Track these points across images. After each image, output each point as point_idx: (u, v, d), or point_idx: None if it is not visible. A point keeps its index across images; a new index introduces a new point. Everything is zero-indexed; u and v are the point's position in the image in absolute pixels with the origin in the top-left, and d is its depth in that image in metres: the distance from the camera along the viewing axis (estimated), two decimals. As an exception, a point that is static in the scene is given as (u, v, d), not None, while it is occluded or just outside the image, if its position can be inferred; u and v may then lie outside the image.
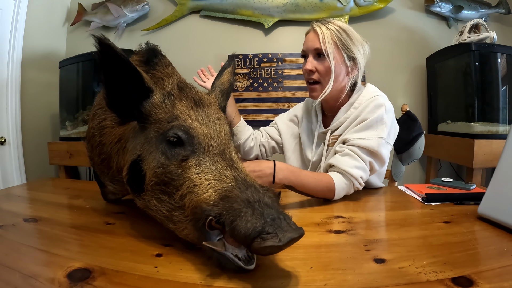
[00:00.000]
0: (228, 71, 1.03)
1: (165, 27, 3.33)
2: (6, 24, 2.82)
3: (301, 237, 0.57)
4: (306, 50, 1.38)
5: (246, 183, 0.66)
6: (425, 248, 0.76)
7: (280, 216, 0.58)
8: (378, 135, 1.23)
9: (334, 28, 1.32)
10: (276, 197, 0.66)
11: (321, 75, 1.34)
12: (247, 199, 0.60)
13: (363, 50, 1.36)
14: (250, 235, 0.54)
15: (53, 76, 3.21)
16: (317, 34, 1.32)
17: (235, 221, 0.57)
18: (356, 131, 1.27)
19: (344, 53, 1.32)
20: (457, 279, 0.60)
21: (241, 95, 3.19)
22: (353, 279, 0.61)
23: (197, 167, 0.69)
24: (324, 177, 1.18)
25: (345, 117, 1.35)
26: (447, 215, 1.00)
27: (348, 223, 0.95)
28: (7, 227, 0.92)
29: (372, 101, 1.29)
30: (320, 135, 1.46)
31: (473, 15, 3.01)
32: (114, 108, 0.80)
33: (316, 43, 1.32)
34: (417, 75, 3.12)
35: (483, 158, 2.29)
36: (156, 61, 1.06)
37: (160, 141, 0.74)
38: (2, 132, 2.84)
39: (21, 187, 1.63)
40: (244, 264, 0.61)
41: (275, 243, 0.53)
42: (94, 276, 0.63)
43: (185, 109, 0.77)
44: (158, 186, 0.72)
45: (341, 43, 1.31)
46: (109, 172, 0.97)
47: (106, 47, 0.71)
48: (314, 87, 1.37)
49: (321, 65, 1.33)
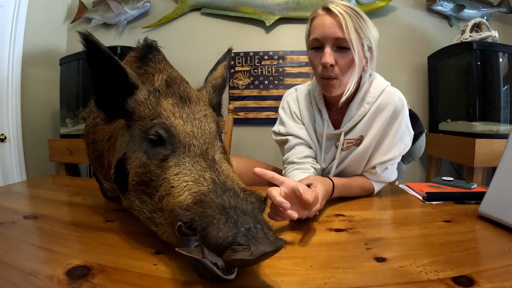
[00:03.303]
0: (222, 65, 0.99)
1: (166, 24, 3.32)
2: (7, 21, 2.81)
3: (278, 250, 0.52)
4: (322, 38, 1.14)
5: (224, 186, 0.62)
6: (426, 247, 0.76)
7: (257, 225, 0.53)
8: (404, 144, 1.24)
9: (351, 11, 1.13)
10: (259, 203, 0.62)
11: (341, 70, 1.14)
12: (222, 205, 0.56)
13: (376, 37, 1.21)
14: (221, 245, 0.50)
15: (53, 73, 3.20)
16: (338, 19, 1.11)
17: (207, 228, 0.53)
18: (384, 154, 1.22)
19: (364, 42, 1.15)
20: (458, 278, 0.60)
21: (241, 93, 3.18)
22: (354, 278, 0.61)
23: (176, 168, 0.66)
24: (367, 185, 1.25)
25: (359, 115, 1.22)
26: (448, 214, 1.00)
27: (348, 221, 0.94)
28: (7, 224, 0.92)
29: (387, 98, 1.20)
30: (329, 136, 1.30)
31: (475, 14, 2.99)
32: (101, 105, 0.79)
33: (337, 31, 1.11)
34: (418, 73, 3.11)
35: (484, 157, 2.28)
36: (150, 57, 1.05)
37: (143, 140, 0.73)
38: (3, 129, 2.84)
39: (21, 184, 1.63)
40: (223, 274, 0.56)
41: (245, 256, 0.48)
42: (94, 273, 0.63)
43: (169, 106, 0.74)
44: (139, 186, 0.71)
45: (361, 31, 1.13)
46: (102, 170, 0.97)
47: (91, 43, 0.70)
48: (333, 83, 1.17)
49: (342, 59, 1.13)
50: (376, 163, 1.23)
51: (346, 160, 1.29)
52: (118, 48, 2.76)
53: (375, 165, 1.24)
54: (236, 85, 3.18)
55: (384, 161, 1.22)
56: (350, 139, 1.26)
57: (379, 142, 1.23)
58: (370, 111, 1.21)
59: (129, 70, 0.77)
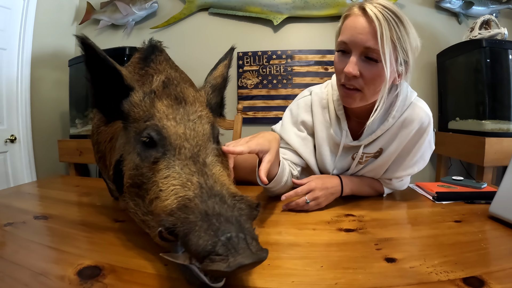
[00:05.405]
0: (223, 64, 0.94)
1: (174, 25, 3.33)
2: (16, 23, 2.85)
3: (259, 263, 0.50)
4: (350, 43, 0.98)
5: (211, 191, 0.59)
6: (436, 247, 0.76)
7: (239, 234, 0.51)
8: (425, 161, 1.20)
9: (391, 17, 0.94)
10: (248, 209, 0.59)
11: (366, 83, 0.99)
12: (206, 211, 0.54)
13: (417, 50, 1.02)
14: (199, 254, 0.49)
15: (62, 74, 3.23)
16: (373, 25, 0.93)
17: (188, 235, 0.51)
18: (403, 170, 1.18)
19: (399, 56, 0.97)
20: (468, 279, 0.60)
21: (250, 93, 3.19)
22: (364, 278, 0.61)
23: (166, 171, 0.65)
24: (378, 187, 1.24)
25: (382, 129, 1.11)
26: (458, 214, 1.00)
27: (358, 221, 0.95)
28: (17, 224, 0.92)
29: (414, 113, 1.10)
30: (346, 146, 1.18)
31: (484, 11, 2.97)
32: (100, 107, 0.79)
33: (369, 39, 0.94)
34: (427, 72, 3.09)
35: (494, 156, 2.26)
36: (152, 58, 1.04)
37: (137, 142, 0.71)
38: (12, 130, 2.87)
39: (31, 185, 1.65)
40: (210, 281, 0.54)
41: (221, 267, 0.47)
42: (104, 274, 0.63)
43: (163, 107, 0.73)
44: (133, 188, 0.70)
45: (398, 42, 0.95)
46: (106, 170, 0.96)
47: (87, 46, 0.71)
48: (352, 94, 1.02)
49: (369, 71, 0.97)
50: (393, 176, 1.20)
51: (361, 171, 1.23)
52: (127, 49, 2.78)
53: (391, 177, 1.21)
54: (244, 84, 3.19)
55: (402, 176, 1.20)
56: (369, 153, 1.17)
57: (399, 156, 1.17)
58: (394, 125, 1.11)
59: (125, 72, 0.76)
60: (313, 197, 1.04)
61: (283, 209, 1.07)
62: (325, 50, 3.10)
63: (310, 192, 1.05)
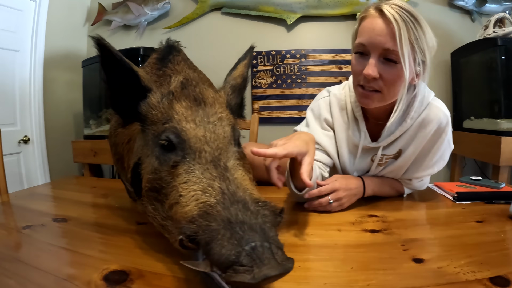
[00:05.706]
0: (243, 64, 0.92)
1: (187, 25, 3.35)
2: (28, 25, 2.88)
3: (285, 274, 0.48)
4: (369, 45, 0.98)
5: (234, 197, 0.57)
6: (460, 247, 0.77)
7: (264, 243, 0.49)
8: (445, 161, 1.21)
9: (408, 17, 0.95)
10: (273, 216, 0.57)
11: (385, 84, 0.99)
12: (228, 219, 0.52)
13: (433, 49, 1.03)
14: (223, 264, 0.47)
15: (75, 75, 3.27)
16: (391, 26, 0.94)
17: (210, 243, 0.50)
18: (423, 170, 1.19)
19: (417, 56, 0.98)
20: (495, 278, 0.61)
21: (264, 92, 3.18)
22: (395, 279, 0.62)
23: (186, 175, 0.62)
24: (399, 187, 1.25)
25: (400, 130, 1.11)
26: (479, 214, 1.01)
27: (382, 222, 0.96)
28: (36, 227, 0.91)
29: (432, 114, 1.09)
30: (365, 147, 1.18)
31: (497, 8, 2.95)
32: (117, 109, 0.78)
33: (387, 41, 0.95)
34: (442, 70, 3.07)
35: (510, 155, 2.24)
36: (169, 58, 1.03)
37: (155, 145, 0.70)
38: (26, 131, 2.91)
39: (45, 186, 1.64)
40: None
41: (245, 279, 0.45)
42: (132, 279, 0.62)
43: (182, 109, 0.70)
44: (151, 192, 0.68)
45: (416, 42, 0.96)
46: (124, 172, 0.96)
47: (103, 47, 0.70)
48: (371, 96, 1.02)
49: (388, 72, 0.98)
50: (413, 177, 1.21)
51: (381, 173, 1.23)
52: (141, 50, 2.80)
53: (411, 178, 1.22)
54: (258, 84, 3.19)
55: (422, 176, 1.21)
56: (388, 155, 1.17)
57: (419, 157, 1.17)
58: (412, 126, 1.11)
59: (142, 72, 0.75)
60: (336, 198, 1.05)
61: (305, 207, 1.08)
62: (339, 49, 3.09)
63: (334, 192, 1.06)
